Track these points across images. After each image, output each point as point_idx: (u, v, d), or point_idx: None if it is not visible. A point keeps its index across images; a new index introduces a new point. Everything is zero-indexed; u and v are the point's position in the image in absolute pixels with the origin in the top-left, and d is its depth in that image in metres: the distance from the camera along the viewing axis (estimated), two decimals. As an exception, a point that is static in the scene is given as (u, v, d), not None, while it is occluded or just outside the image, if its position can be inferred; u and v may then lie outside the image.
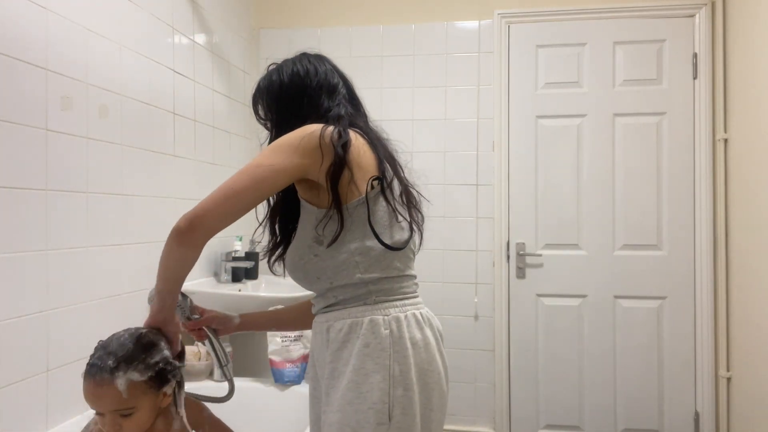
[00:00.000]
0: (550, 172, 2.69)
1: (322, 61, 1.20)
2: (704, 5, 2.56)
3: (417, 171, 2.92)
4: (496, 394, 2.71)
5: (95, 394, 0.99)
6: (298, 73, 1.16)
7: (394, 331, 1.02)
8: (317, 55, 1.22)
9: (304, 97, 1.14)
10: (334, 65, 1.22)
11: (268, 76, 1.19)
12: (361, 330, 1.02)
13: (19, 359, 1.39)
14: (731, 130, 2.47)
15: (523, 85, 2.72)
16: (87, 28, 1.63)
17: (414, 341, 1.04)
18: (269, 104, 1.17)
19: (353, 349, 1.02)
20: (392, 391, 0.99)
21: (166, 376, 1.04)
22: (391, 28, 2.81)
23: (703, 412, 2.55)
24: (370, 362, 1.00)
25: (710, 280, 2.54)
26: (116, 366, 0.99)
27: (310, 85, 1.14)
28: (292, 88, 1.15)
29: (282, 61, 1.21)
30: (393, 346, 1.01)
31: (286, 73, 1.16)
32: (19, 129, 1.39)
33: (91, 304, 1.64)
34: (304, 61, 1.18)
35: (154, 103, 1.98)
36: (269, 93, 1.17)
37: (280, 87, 1.15)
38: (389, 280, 1.07)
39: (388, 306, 1.05)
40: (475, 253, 2.73)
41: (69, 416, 1.56)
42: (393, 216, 1.08)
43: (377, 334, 1.01)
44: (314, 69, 1.16)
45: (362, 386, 0.99)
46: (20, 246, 1.39)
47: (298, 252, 1.09)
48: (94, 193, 1.66)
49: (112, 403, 0.99)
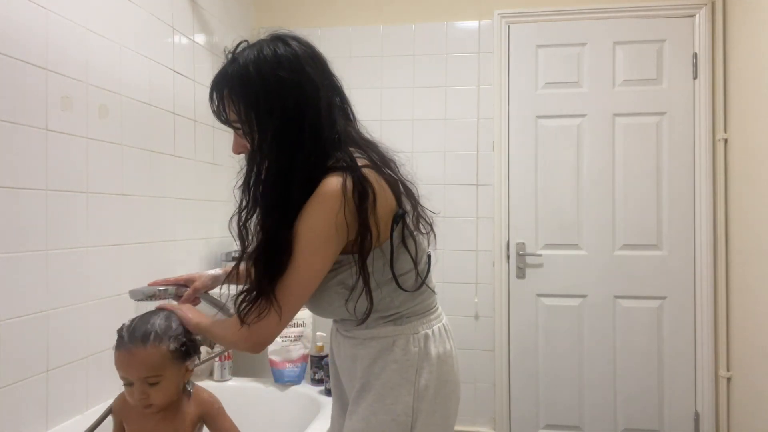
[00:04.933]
0: (550, 172, 2.69)
1: (313, 58, 1.01)
2: (704, 5, 2.56)
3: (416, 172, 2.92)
4: (496, 394, 2.70)
5: (127, 361, 1.09)
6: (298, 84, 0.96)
7: (422, 348, 1.05)
8: (303, 44, 1.01)
9: (305, 120, 0.96)
10: (313, 51, 1.03)
11: (245, 69, 0.97)
12: (392, 349, 1.04)
13: (19, 359, 1.39)
14: (731, 130, 2.47)
15: (523, 85, 2.72)
16: (87, 28, 1.63)
17: (439, 355, 1.06)
18: (258, 114, 0.97)
19: (384, 365, 1.04)
20: (416, 405, 1.02)
21: (190, 351, 1.15)
22: (391, 28, 2.81)
23: (703, 412, 2.55)
24: (397, 377, 1.02)
25: (710, 280, 2.54)
26: (147, 335, 1.09)
27: (313, 105, 0.96)
28: (290, 107, 0.95)
29: (257, 48, 0.99)
30: (420, 362, 1.04)
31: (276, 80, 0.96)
32: (19, 129, 1.39)
33: (91, 304, 1.64)
34: (296, 62, 0.97)
35: (154, 103, 1.98)
36: (254, 100, 0.96)
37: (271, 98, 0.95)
38: (416, 302, 1.08)
39: (417, 324, 1.06)
40: (475, 253, 2.73)
41: (69, 416, 1.56)
42: (414, 245, 1.03)
43: (407, 351, 1.03)
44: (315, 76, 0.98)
45: (387, 398, 1.02)
46: (20, 246, 1.39)
47: (326, 298, 1.03)
48: (94, 193, 1.66)
49: (142, 370, 1.08)
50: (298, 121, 0.95)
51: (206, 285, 1.30)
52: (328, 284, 1.01)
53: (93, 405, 1.64)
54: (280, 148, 0.95)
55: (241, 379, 2.11)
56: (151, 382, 1.09)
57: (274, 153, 0.96)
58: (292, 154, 0.95)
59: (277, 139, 0.95)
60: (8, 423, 1.35)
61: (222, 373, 2.10)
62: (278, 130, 0.95)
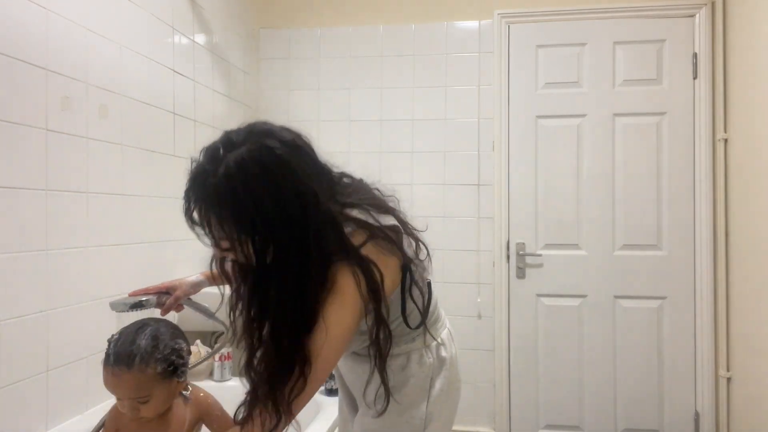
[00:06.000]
0: (550, 172, 2.69)
1: (300, 154, 0.90)
2: (704, 5, 2.56)
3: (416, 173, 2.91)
4: (496, 394, 2.70)
5: (113, 383, 1.08)
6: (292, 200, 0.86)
7: (435, 357, 1.09)
8: (286, 142, 0.89)
9: (309, 229, 0.88)
10: (295, 145, 0.91)
11: (232, 189, 0.84)
12: (409, 365, 1.06)
13: (19, 359, 1.39)
14: (731, 130, 2.47)
15: (523, 85, 2.72)
16: (87, 28, 1.63)
17: (449, 359, 1.12)
18: (255, 239, 0.86)
19: (404, 380, 1.06)
20: (428, 408, 1.07)
21: (178, 369, 1.12)
22: (391, 28, 2.81)
23: (703, 412, 2.54)
24: (416, 389, 1.06)
25: (710, 280, 2.53)
26: (132, 359, 1.06)
27: (313, 213, 0.88)
28: (287, 228, 0.86)
29: (239, 159, 0.85)
30: (435, 371, 1.08)
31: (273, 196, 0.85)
32: (19, 129, 1.39)
33: (91, 304, 1.64)
34: (287, 171, 0.87)
35: (154, 103, 1.98)
36: (250, 224, 0.86)
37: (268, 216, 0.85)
38: (429, 314, 1.09)
39: (428, 337, 1.09)
40: (477, 253, 2.73)
41: (69, 416, 1.56)
42: (419, 292, 1.02)
43: (422, 364, 1.07)
44: (308, 179, 0.89)
45: (403, 402, 1.05)
46: (20, 246, 1.39)
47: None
48: (94, 193, 1.66)
49: (129, 392, 1.07)
50: (301, 233, 0.87)
51: (188, 292, 1.29)
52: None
53: (93, 405, 1.64)
54: (286, 266, 0.87)
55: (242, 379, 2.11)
56: (141, 401, 1.08)
57: (282, 272, 0.88)
58: (301, 266, 0.87)
59: (281, 259, 0.87)
60: (8, 423, 1.35)
61: (222, 373, 2.10)
62: (280, 248, 0.87)
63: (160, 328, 1.12)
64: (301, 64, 2.87)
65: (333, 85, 2.83)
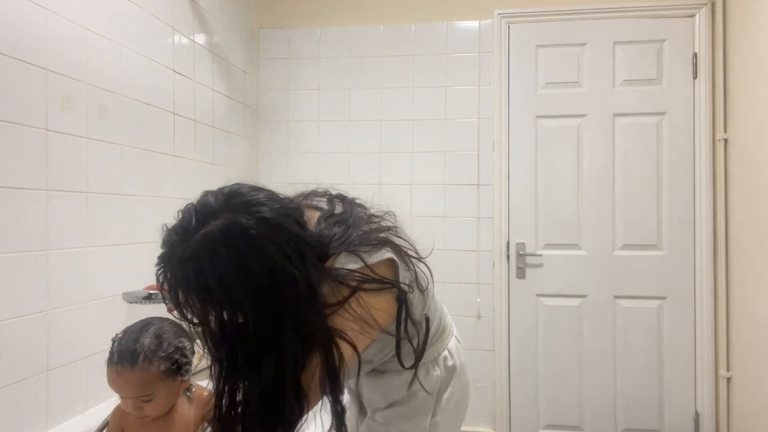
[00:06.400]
0: (550, 172, 2.69)
1: (274, 228, 0.83)
2: (704, 5, 2.56)
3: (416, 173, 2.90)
4: (496, 394, 2.70)
5: (117, 382, 1.08)
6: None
7: (442, 369, 1.10)
8: (256, 215, 0.82)
9: (286, 315, 0.84)
10: (271, 217, 0.83)
11: (204, 271, 0.79)
12: (415, 380, 1.06)
13: (19, 359, 1.39)
14: (731, 130, 2.47)
15: (523, 85, 2.72)
16: (87, 28, 1.63)
17: (456, 368, 1.12)
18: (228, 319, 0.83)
19: (413, 393, 1.06)
20: (434, 417, 1.08)
21: (182, 367, 1.13)
22: (391, 28, 2.81)
23: (703, 412, 2.54)
24: (425, 400, 1.07)
25: (710, 280, 2.53)
26: (136, 358, 1.07)
27: (291, 295, 0.83)
28: (262, 311, 0.83)
29: (210, 238, 0.79)
30: (443, 382, 1.09)
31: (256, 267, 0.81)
32: (19, 129, 1.39)
33: (91, 304, 1.64)
34: (259, 250, 0.81)
35: (154, 103, 1.98)
36: (220, 306, 0.83)
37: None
38: (432, 332, 1.09)
39: (434, 350, 1.09)
40: (476, 253, 2.73)
41: (69, 416, 1.56)
42: (415, 327, 1.00)
43: (430, 377, 1.08)
44: (283, 257, 0.82)
45: (410, 410, 1.06)
46: (20, 246, 1.39)
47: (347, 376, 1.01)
48: (94, 193, 1.66)
49: (133, 391, 1.08)
50: (271, 314, 0.83)
51: None
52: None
53: (93, 405, 1.64)
54: (258, 346, 0.85)
55: None
56: (144, 400, 1.09)
57: (255, 351, 0.86)
58: (274, 345, 0.85)
59: (253, 345, 0.85)
60: (8, 423, 1.35)
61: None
62: (252, 328, 0.83)
63: (164, 326, 1.13)
64: (301, 64, 2.87)
65: (333, 85, 2.83)
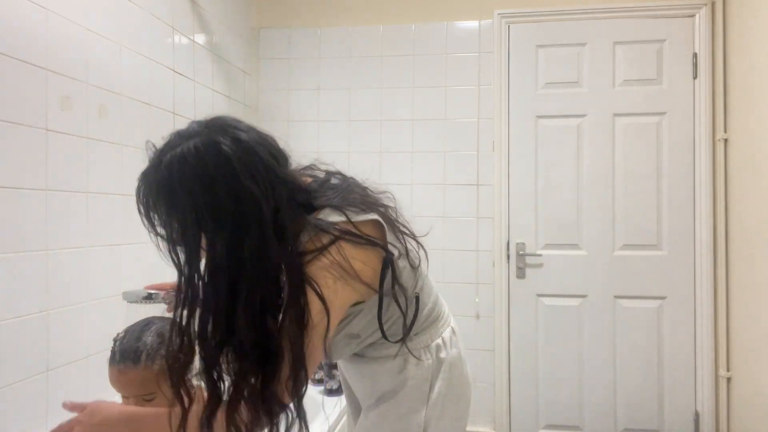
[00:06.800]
0: (550, 172, 2.69)
1: (251, 156, 0.86)
2: (704, 5, 2.56)
3: (416, 173, 2.91)
4: (496, 394, 2.70)
5: (119, 381, 1.08)
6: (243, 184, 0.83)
7: (434, 358, 1.04)
8: (236, 140, 0.87)
9: (246, 240, 0.83)
10: (248, 145, 0.87)
11: (169, 182, 0.83)
12: (406, 367, 1.03)
13: (19, 359, 1.39)
14: (731, 130, 2.47)
15: (523, 85, 2.72)
16: (87, 28, 1.63)
17: (450, 361, 1.06)
18: (187, 233, 0.84)
19: (402, 382, 1.03)
20: (428, 413, 1.03)
21: None
22: (391, 28, 2.81)
23: (703, 412, 2.54)
24: (414, 392, 1.03)
25: (710, 280, 2.53)
26: (138, 356, 1.07)
27: (255, 221, 0.83)
28: (227, 229, 0.83)
29: (182, 153, 0.84)
30: (434, 373, 1.04)
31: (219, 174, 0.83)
32: (19, 129, 1.39)
33: (91, 304, 1.64)
34: (228, 170, 0.83)
35: (154, 103, 1.98)
36: (183, 218, 0.84)
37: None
38: (425, 316, 1.06)
39: (427, 337, 1.05)
40: (476, 253, 2.73)
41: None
42: (404, 295, 0.98)
43: (420, 366, 1.03)
44: (253, 183, 0.84)
45: (401, 408, 1.02)
46: (20, 246, 1.39)
47: (335, 352, 1.02)
48: (94, 193, 1.66)
49: (135, 389, 1.08)
50: (236, 245, 0.83)
51: None
52: (335, 338, 0.99)
53: (93, 405, 1.64)
54: (216, 277, 0.84)
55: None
56: (146, 399, 1.09)
57: (216, 274, 0.84)
58: (232, 284, 0.83)
59: (211, 265, 0.84)
60: (8, 423, 1.35)
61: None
62: (211, 256, 0.83)
63: (165, 326, 1.13)
64: (301, 64, 2.87)
65: (333, 85, 2.83)
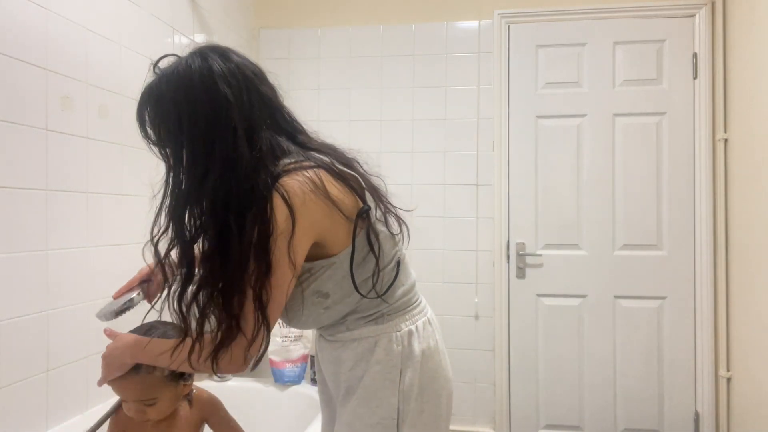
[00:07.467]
0: (550, 172, 2.69)
1: (233, 74, 0.94)
2: (704, 5, 2.56)
3: (416, 172, 2.91)
4: (496, 394, 2.70)
5: (121, 386, 1.07)
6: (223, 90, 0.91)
7: (406, 345, 1.00)
8: (225, 58, 0.96)
9: (215, 143, 0.89)
10: (236, 66, 0.96)
11: (158, 87, 0.93)
12: (375, 350, 1.00)
13: (19, 359, 1.39)
14: (731, 130, 2.47)
15: (523, 85, 2.72)
16: (87, 28, 1.63)
17: (423, 351, 1.02)
18: (169, 132, 0.94)
19: (366, 367, 1.00)
20: (401, 406, 0.98)
21: (185, 372, 1.10)
22: (391, 28, 2.81)
23: (703, 412, 2.55)
24: (381, 378, 0.99)
25: (710, 280, 2.54)
26: (139, 363, 1.04)
27: (225, 126, 0.89)
28: (200, 128, 0.90)
29: (175, 63, 0.94)
30: (404, 362, 1.00)
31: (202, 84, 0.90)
32: (19, 129, 1.39)
33: (91, 304, 1.64)
34: (209, 79, 0.91)
35: (154, 103, 1.98)
36: (166, 119, 0.93)
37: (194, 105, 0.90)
38: (397, 298, 1.03)
39: (399, 321, 1.02)
40: (476, 253, 2.73)
41: (69, 416, 1.56)
42: (379, 247, 0.98)
43: (389, 351, 0.99)
44: (232, 94, 0.91)
45: (372, 401, 0.98)
46: (20, 246, 1.39)
47: (304, 311, 1.00)
48: (94, 193, 1.66)
49: (136, 395, 1.08)
50: (209, 143, 0.89)
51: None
52: (303, 295, 0.97)
53: (93, 405, 1.64)
54: (190, 171, 0.91)
55: (241, 379, 2.11)
56: (148, 404, 1.08)
57: (185, 177, 0.91)
58: (202, 177, 0.89)
59: (187, 161, 0.91)
60: (8, 423, 1.35)
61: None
62: (188, 151, 0.90)
63: (167, 331, 1.11)
64: (301, 64, 2.87)
65: (333, 85, 2.83)
